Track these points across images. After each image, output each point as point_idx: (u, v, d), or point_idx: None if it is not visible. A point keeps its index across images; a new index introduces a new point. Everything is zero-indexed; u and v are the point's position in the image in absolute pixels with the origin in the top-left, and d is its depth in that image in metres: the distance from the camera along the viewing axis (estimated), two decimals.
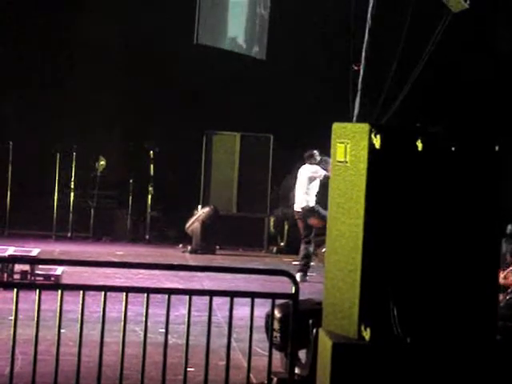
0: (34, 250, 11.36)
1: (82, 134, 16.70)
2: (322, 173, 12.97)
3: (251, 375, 5.57)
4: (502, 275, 10.07)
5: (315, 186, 13.06)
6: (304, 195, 13.03)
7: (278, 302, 5.70)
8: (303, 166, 13.27)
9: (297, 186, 13.21)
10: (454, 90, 16.19)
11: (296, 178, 13.42)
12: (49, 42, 17.02)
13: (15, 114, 16.57)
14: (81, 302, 5.16)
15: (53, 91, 16.97)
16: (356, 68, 13.17)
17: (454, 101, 16.00)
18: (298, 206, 13.14)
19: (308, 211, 13.00)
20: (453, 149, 5.27)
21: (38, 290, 5.16)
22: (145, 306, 5.21)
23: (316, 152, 13.24)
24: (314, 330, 5.98)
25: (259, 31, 17.90)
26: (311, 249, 13.19)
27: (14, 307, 5.14)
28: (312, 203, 13.01)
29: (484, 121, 14.60)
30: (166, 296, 5.24)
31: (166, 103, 17.06)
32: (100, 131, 16.94)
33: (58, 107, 16.91)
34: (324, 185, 12.79)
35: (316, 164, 13.17)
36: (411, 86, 13.01)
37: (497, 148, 5.33)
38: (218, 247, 15.97)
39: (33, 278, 10.42)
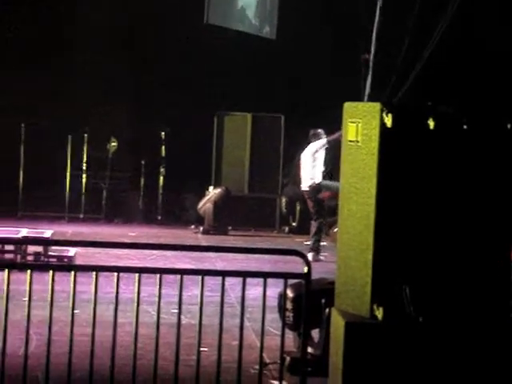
0: (47, 232, 11.41)
1: (93, 116, 16.72)
2: (322, 141, 13.03)
3: (264, 355, 5.59)
4: None
5: (320, 161, 13.10)
6: (309, 173, 13.10)
7: (291, 281, 5.71)
8: (309, 146, 13.32)
9: (302, 165, 13.28)
10: (465, 68, 16.12)
11: (300, 159, 13.44)
12: (60, 27, 17.01)
13: (26, 95, 16.58)
14: (94, 282, 5.18)
15: (63, 73, 16.98)
16: (367, 57, 13.13)
17: (465, 79, 15.92)
18: (305, 185, 13.23)
19: (315, 188, 13.07)
20: (465, 127, 5.26)
21: (51, 271, 5.19)
22: (157, 287, 5.23)
23: (321, 131, 13.29)
24: (327, 310, 6.00)
25: (270, 11, 17.84)
26: (322, 226, 13.20)
27: (27, 288, 5.17)
28: (318, 180, 13.07)
29: (496, 99, 14.54)
30: (179, 277, 5.26)
31: (177, 84, 17.04)
32: (112, 113, 16.95)
33: (69, 89, 16.92)
34: (335, 157, 12.86)
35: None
36: (423, 64, 12.97)
37: (509, 126, 5.31)
38: (229, 228, 15.99)
39: (46, 259, 10.48)
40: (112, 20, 16.79)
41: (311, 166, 13.08)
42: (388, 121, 5.16)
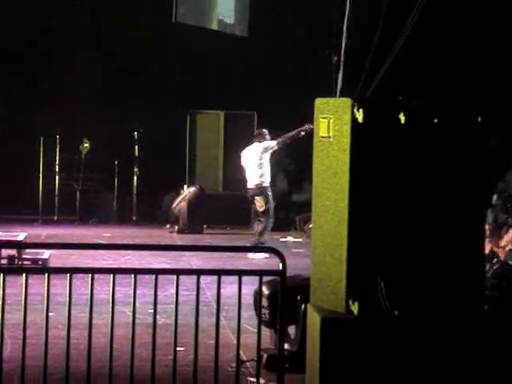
0: (21, 235, 11.34)
1: (65, 117, 16.63)
2: (272, 143, 13.21)
3: (241, 352, 5.59)
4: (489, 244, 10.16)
5: (267, 163, 13.21)
6: (257, 173, 13.15)
7: (267, 278, 5.71)
8: (253, 145, 13.42)
9: (249, 165, 13.28)
10: (436, 62, 16.20)
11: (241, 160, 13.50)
12: (30, 28, 16.92)
13: None
14: (68, 284, 5.16)
15: (35, 75, 16.88)
16: (335, 60, 13.22)
17: (436, 72, 16.00)
18: (252, 184, 13.22)
19: (259, 189, 13.10)
20: (435, 121, 5.28)
21: (24, 274, 5.16)
22: (132, 287, 5.21)
23: (265, 131, 13.47)
24: (303, 306, 6.01)
25: (241, 8, 17.83)
26: (268, 226, 13.19)
27: (1, 292, 5.13)
28: (266, 182, 13.15)
29: (466, 92, 14.62)
30: (154, 276, 5.25)
31: (149, 83, 17.00)
32: (83, 113, 16.87)
33: (40, 91, 16.82)
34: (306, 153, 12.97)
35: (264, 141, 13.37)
36: (393, 58, 13.01)
37: (479, 119, 5.34)
38: (205, 226, 15.97)
39: (20, 262, 10.41)
40: (84, 22, 16.72)
41: (258, 166, 13.14)
42: (359, 116, 5.17)
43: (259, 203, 13.17)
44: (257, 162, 13.16)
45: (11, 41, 16.79)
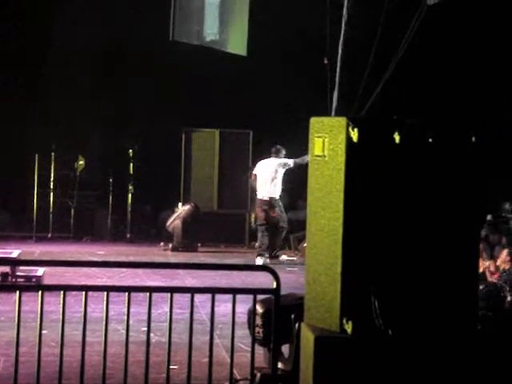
0: (15, 252, 11.30)
1: (60, 134, 16.63)
2: (290, 161, 13.92)
3: (235, 371, 5.58)
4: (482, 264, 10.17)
5: (280, 178, 13.89)
6: (272, 185, 13.81)
7: (261, 297, 5.71)
8: (269, 159, 14.08)
9: (263, 176, 13.93)
10: (431, 81, 16.25)
11: (254, 169, 14.22)
12: (26, 42, 16.94)
13: None
14: (61, 302, 5.14)
15: (30, 92, 16.89)
16: (327, 62, 13.33)
17: (431, 91, 16.05)
18: (266, 195, 13.85)
19: (271, 201, 13.75)
20: (430, 140, 5.29)
21: (18, 292, 5.14)
22: (126, 305, 5.20)
23: (282, 148, 14.19)
24: (297, 325, 5.99)
25: (236, 27, 17.86)
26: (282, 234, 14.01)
27: None
28: (277, 195, 13.89)
29: (461, 111, 14.67)
30: (148, 294, 5.23)
31: (144, 101, 17.02)
32: (78, 131, 16.88)
33: (35, 108, 16.82)
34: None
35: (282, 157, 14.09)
36: (389, 77, 13.06)
37: (474, 139, 5.35)
38: (199, 244, 15.95)
39: (14, 279, 10.38)
40: (78, 41, 16.74)
41: (271, 178, 13.84)
42: (354, 135, 5.18)
43: (274, 213, 13.75)
44: (272, 175, 13.83)
45: (11, 58, 16.79)
